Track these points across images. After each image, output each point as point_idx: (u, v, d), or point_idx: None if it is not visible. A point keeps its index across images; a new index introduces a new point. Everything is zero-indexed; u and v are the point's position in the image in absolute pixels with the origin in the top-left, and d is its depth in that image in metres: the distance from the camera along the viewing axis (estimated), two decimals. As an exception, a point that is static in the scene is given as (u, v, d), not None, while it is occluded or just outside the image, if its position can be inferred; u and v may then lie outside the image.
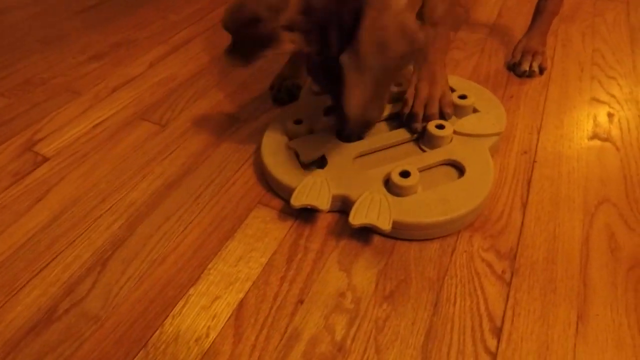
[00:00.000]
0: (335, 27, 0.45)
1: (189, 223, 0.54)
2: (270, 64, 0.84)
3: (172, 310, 0.45)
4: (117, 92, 0.81)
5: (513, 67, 0.73)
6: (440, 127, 0.54)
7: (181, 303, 0.46)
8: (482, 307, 0.41)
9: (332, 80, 0.50)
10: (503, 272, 0.44)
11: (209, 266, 0.49)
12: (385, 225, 0.46)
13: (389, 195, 0.49)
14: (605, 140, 0.59)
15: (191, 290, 0.47)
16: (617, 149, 0.57)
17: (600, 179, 0.53)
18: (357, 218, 0.47)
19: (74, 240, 0.54)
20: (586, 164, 0.55)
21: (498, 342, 0.39)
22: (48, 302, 0.47)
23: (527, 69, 0.71)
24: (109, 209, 0.58)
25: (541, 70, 0.71)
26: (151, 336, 0.43)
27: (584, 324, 0.39)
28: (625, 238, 0.46)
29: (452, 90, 0.62)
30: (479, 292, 0.43)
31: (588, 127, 0.61)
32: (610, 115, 0.63)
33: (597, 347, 0.38)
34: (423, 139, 0.56)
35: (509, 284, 0.43)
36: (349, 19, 0.44)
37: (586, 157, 0.56)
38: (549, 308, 0.41)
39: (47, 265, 0.51)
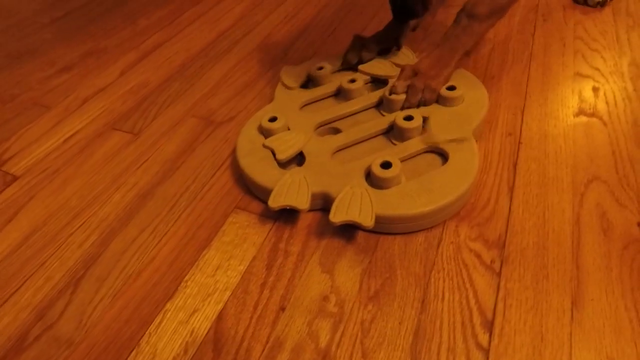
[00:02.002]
0: None
1: (164, 234, 0.52)
2: (244, 62, 0.82)
3: (148, 328, 0.43)
4: (87, 104, 0.78)
5: (585, 1, 0.76)
6: (409, 118, 0.52)
7: (158, 319, 0.43)
8: (472, 301, 0.39)
9: None
10: (492, 261, 0.42)
11: (186, 278, 0.46)
12: (367, 221, 0.44)
13: (370, 189, 0.47)
14: (592, 115, 0.56)
15: (168, 305, 0.44)
16: (604, 123, 0.55)
17: (588, 156, 0.51)
18: (337, 215, 0.45)
19: (44, 262, 0.51)
20: (573, 141, 0.53)
21: (490, 336, 0.37)
22: (18, 329, 0.44)
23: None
24: (81, 225, 0.55)
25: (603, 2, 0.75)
26: (127, 357, 0.41)
27: (579, 311, 0.37)
28: (617, 216, 0.44)
29: None
30: (467, 285, 0.41)
31: (573, 103, 0.59)
32: (595, 89, 0.61)
33: (594, 333, 0.36)
34: (393, 132, 0.54)
35: (499, 274, 0.41)
36: None
37: (573, 135, 0.54)
38: (542, 296, 0.39)
39: (17, 290, 0.48)
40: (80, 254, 0.52)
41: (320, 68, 0.65)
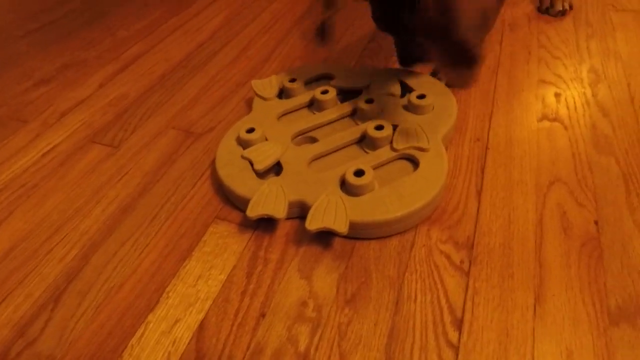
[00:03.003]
0: None
1: (145, 246, 0.52)
2: (223, 73, 0.83)
3: (130, 340, 0.43)
4: (66, 117, 0.78)
5: (547, 10, 0.83)
6: (379, 127, 0.54)
7: (140, 331, 0.44)
8: (443, 300, 0.41)
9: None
10: (461, 262, 0.44)
11: (168, 289, 0.47)
12: (342, 228, 0.45)
13: (345, 196, 0.49)
14: (554, 120, 0.60)
15: (150, 317, 0.45)
16: (565, 127, 0.58)
17: (550, 159, 0.54)
18: (313, 223, 0.46)
19: (24, 278, 0.51)
20: (537, 145, 0.56)
21: (459, 333, 0.39)
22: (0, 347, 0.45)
23: (561, 8, 0.81)
24: (61, 240, 0.55)
25: (570, 6, 0.82)
26: (110, 370, 0.41)
27: (541, 306, 0.40)
28: (576, 215, 0.47)
29: (411, 89, 0.63)
30: (439, 286, 0.43)
31: (537, 108, 0.62)
32: (557, 95, 0.64)
33: (554, 327, 0.38)
34: (365, 141, 0.56)
35: (468, 274, 0.43)
36: None
37: (536, 139, 0.57)
38: (507, 294, 0.41)
39: (-3, 306, 0.48)
40: (61, 268, 0.52)
41: (293, 80, 0.66)
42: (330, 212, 0.47)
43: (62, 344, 0.44)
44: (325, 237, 0.49)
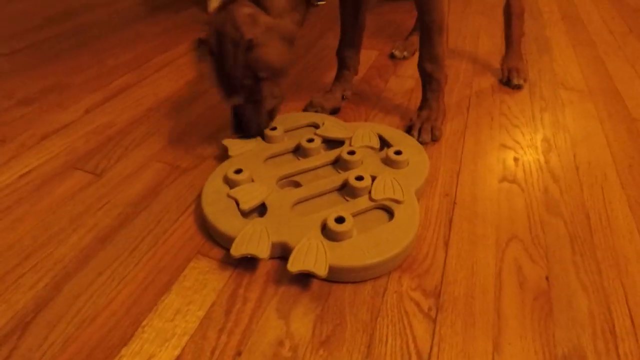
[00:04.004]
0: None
1: (122, 278, 0.52)
2: (210, 111, 0.86)
3: (101, 376, 0.43)
4: (46, 140, 0.78)
5: (507, 83, 0.94)
6: (360, 178, 0.59)
7: (111, 366, 0.43)
8: (411, 345, 0.44)
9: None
10: (429, 309, 0.48)
11: (144, 323, 0.47)
12: (322, 271, 0.48)
13: (325, 241, 0.52)
14: (512, 182, 0.67)
15: (123, 351, 0.45)
16: (522, 189, 0.65)
17: (509, 217, 0.60)
18: (295, 265, 0.49)
19: (-10, 304, 0.49)
20: (497, 204, 0.63)
21: (426, 378, 0.42)
22: (-46, 379, 0.42)
23: (517, 82, 0.92)
24: (32, 267, 0.54)
25: (525, 80, 0.94)
26: (76, 406, 0.40)
27: (499, 354, 0.44)
28: (530, 270, 0.52)
29: (389, 144, 0.68)
30: (408, 331, 0.46)
31: (498, 170, 0.69)
32: (515, 159, 0.72)
33: (510, 374, 0.42)
34: (346, 189, 0.60)
35: (435, 320, 0.47)
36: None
37: (497, 198, 0.64)
38: (469, 341, 0.45)
39: (-44, 335, 0.46)
40: (30, 296, 0.51)
41: (274, 128, 0.70)
42: (311, 256, 0.50)
43: (26, 378, 0.43)
44: (303, 278, 0.52)
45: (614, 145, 0.75)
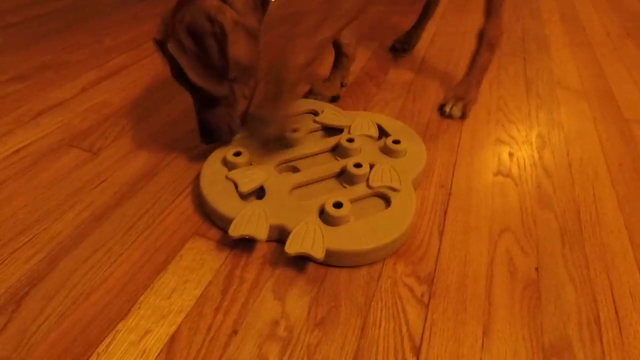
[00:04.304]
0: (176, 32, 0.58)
1: (119, 255, 0.52)
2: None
3: (97, 348, 0.43)
4: (42, 117, 0.77)
5: (440, 108, 0.84)
6: (358, 165, 0.60)
7: (108, 340, 0.44)
8: (404, 329, 0.45)
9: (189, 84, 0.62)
10: (422, 295, 0.49)
11: (140, 300, 0.48)
12: (319, 254, 0.49)
13: (323, 225, 0.53)
14: (507, 176, 0.68)
15: (119, 326, 0.45)
16: (516, 184, 0.67)
17: (502, 210, 0.61)
18: (292, 247, 0.49)
19: (-17, 277, 0.49)
20: (491, 197, 0.64)
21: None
22: (-52, 348, 0.42)
23: (447, 110, 0.81)
24: (27, 241, 0.54)
25: (462, 115, 0.81)
26: (72, 378, 0.41)
27: (488, 339, 0.45)
28: (520, 261, 0.54)
29: (387, 134, 0.69)
30: (401, 315, 0.47)
31: (493, 164, 0.71)
32: (510, 154, 0.73)
33: (499, 358, 0.43)
34: (344, 176, 0.61)
35: (427, 306, 0.48)
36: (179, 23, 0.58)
37: (491, 191, 0.65)
38: (460, 326, 0.46)
39: (-51, 306, 0.46)
40: (25, 270, 0.50)
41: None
42: (309, 239, 0.50)
43: (20, 349, 0.43)
44: (300, 261, 0.52)
45: (605, 144, 0.77)
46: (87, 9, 1.22)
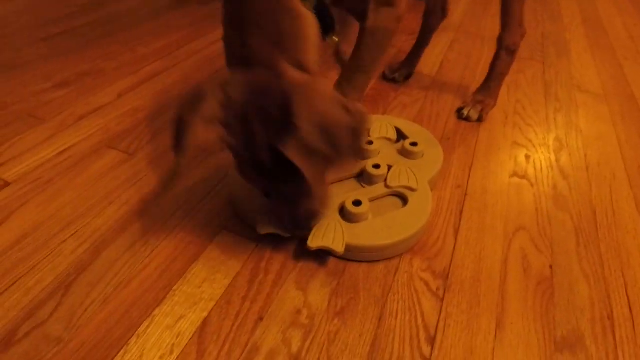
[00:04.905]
0: (260, 120, 0.43)
1: (155, 247, 0.57)
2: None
3: (137, 330, 0.47)
4: (83, 120, 0.83)
5: (458, 111, 0.85)
6: (377, 166, 0.62)
7: (146, 323, 0.48)
8: (420, 320, 0.48)
9: (265, 177, 0.48)
10: (437, 289, 0.51)
11: (174, 288, 0.52)
12: (339, 248, 0.52)
13: (343, 222, 0.56)
14: (523, 177, 0.70)
15: (156, 311, 0.49)
16: (532, 185, 0.68)
17: (517, 210, 0.63)
18: (314, 241, 0.53)
19: (36, 265, 0.55)
20: (507, 197, 0.65)
21: (432, 349, 0.45)
22: (7, 326, 0.48)
23: (465, 113, 0.83)
24: (73, 234, 0.59)
25: (479, 118, 0.83)
26: (115, 355, 0.45)
27: (501, 331, 0.47)
28: (534, 259, 0.55)
29: (405, 136, 0.72)
30: (417, 307, 0.49)
31: (509, 166, 0.72)
32: (527, 157, 0.75)
33: (511, 350, 0.45)
34: (363, 176, 0.64)
35: (442, 299, 0.50)
36: (276, 111, 0.43)
37: (507, 192, 0.66)
38: (474, 319, 0.48)
39: (7, 289, 0.52)
40: (72, 260, 0.56)
41: None
42: (330, 234, 0.53)
43: (70, 329, 0.48)
44: (320, 256, 0.56)
45: (625, 147, 0.77)
46: (120, 20, 1.30)
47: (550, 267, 0.54)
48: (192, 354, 0.45)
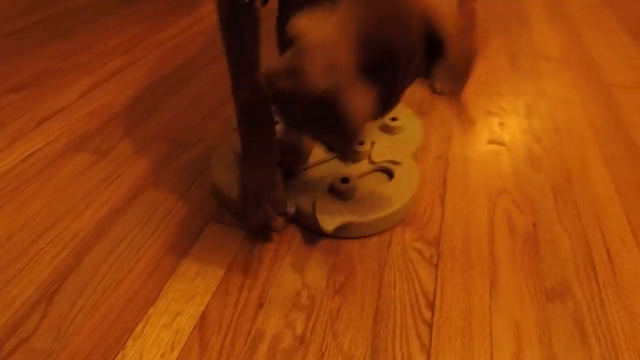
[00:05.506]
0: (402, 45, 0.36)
1: (141, 246, 0.55)
2: (210, 88, 0.88)
3: (132, 332, 0.46)
4: (45, 123, 0.78)
5: (430, 86, 0.85)
6: (360, 143, 0.63)
7: (141, 324, 0.46)
8: (417, 287, 0.49)
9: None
10: (431, 256, 0.53)
11: (167, 285, 0.50)
12: (354, 218, 0.51)
13: (333, 200, 0.55)
14: (499, 144, 0.72)
15: (150, 310, 0.48)
16: (508, 150, 0.70)
17: (497, 175, 0.65)
18: (329, 224, 0.51)
19: (12, 278, 0.51)
20: (486, 163, 0.67)
21: (432, 313, 0.46)
22: (-9, 343, 0.45)
23: (438, 88, 0.84)
24: (50, 241, 0.56)
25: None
26: None
27: (495, 289, 0.49)
28: (518, 218, 0.57)
29: None
30: (413, 276, 0.50)
31: (485, 134, 0.74)
32: (501, 124, 0.77)
33: (506, 305, 0.47)
34: None
35: (436, 266, 0.51)
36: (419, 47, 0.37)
37: (486, 158, 0.68)
38: (469, 281, 0.50)
39: (-16, 306, 0.48)
40: (52, 268, 0.53)
41: None
42: (334, 211, 0.53)
43: (60, 339, 0.45)
44: (313, 237, 0.55)
45: (589, 108, 0.81)
46: (74, 17, 1.23)
47: (533, 224, 0.56)
48: (195, 349, 0.44)
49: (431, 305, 0.47)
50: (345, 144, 0.39)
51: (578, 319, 0.46)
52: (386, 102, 0.39)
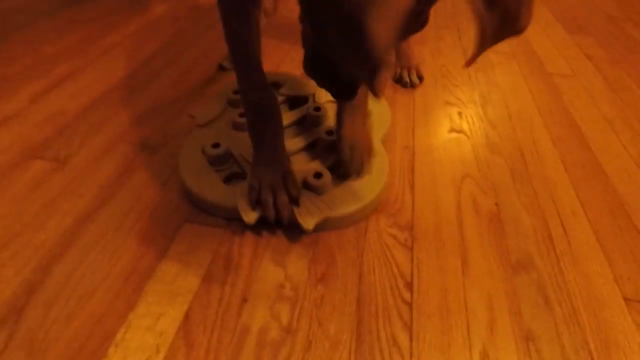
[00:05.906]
0: None
1: (114, 253, 0.53)
2: (170, 90, 0.86)
3: (114, 339, 0.44)
4: (-6, 132, 0.73)
5: (399, 80, 0.88)
6: (329, 132, 0.64)
7: (122, 330, 0.45)
8: (395, 270, 0.51)
9: None
10: (406, 240, 0.55)
11: (146, 289, 0.49)
12: (337, 212, 0.53)
13: (311, 196, 0.57)
14: (459, 132, 0.76)
15: (131, 315, 0.46)
16: (468, 137, 0.75)
17: (460, 160, 0.69)
18: (308, 222, 0.52)
19: (-27, 296, 0.48)
20: (450, 150, 0.71)
21: (411, 294, 0.49)
22: (-46, 367, 0.42)
23: (408, 80, 0.88)
24: (12, 255, 0.53)
25: (421, 79, 0.88)
26: (95, 369, 0.42)
27: (467, 267, 0.52)
28: (482, 200, 0.61)
29: None
30: (391, 260, 0.52)
31: (446, 123, 0.78)
32: (459, 113, 0.81)
33: (477, 280, 0.50)
34: (318, 145, 0.65)
35: (411, 249, 0.54)
36: None
37: (449, 146, 0.72)
38: (442, 261, 0.53)
39: (-57, 328, 0.45)
40: (17, 283, 0.50)
41: (237, 92, 0.72)
42: (311, 208, 0.54)
43: (34, 353, 0.43)
44: (292, 231, 0.56)
45: (536, 95, 0.88)
46: (14, 18, 1.15)
47: (496, 204, 0.61)
48: (181, 348, 0.44)
49: (409, 286, 0.50)
50: (371, 67, 0.34)
51: (541, 288, 0.50)
52: (416, 16, 0.36)
